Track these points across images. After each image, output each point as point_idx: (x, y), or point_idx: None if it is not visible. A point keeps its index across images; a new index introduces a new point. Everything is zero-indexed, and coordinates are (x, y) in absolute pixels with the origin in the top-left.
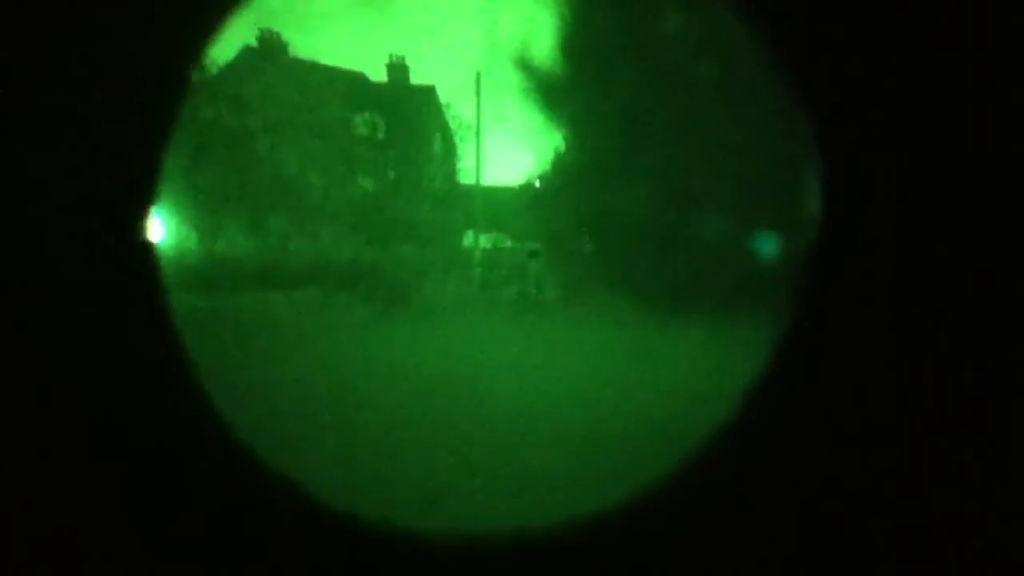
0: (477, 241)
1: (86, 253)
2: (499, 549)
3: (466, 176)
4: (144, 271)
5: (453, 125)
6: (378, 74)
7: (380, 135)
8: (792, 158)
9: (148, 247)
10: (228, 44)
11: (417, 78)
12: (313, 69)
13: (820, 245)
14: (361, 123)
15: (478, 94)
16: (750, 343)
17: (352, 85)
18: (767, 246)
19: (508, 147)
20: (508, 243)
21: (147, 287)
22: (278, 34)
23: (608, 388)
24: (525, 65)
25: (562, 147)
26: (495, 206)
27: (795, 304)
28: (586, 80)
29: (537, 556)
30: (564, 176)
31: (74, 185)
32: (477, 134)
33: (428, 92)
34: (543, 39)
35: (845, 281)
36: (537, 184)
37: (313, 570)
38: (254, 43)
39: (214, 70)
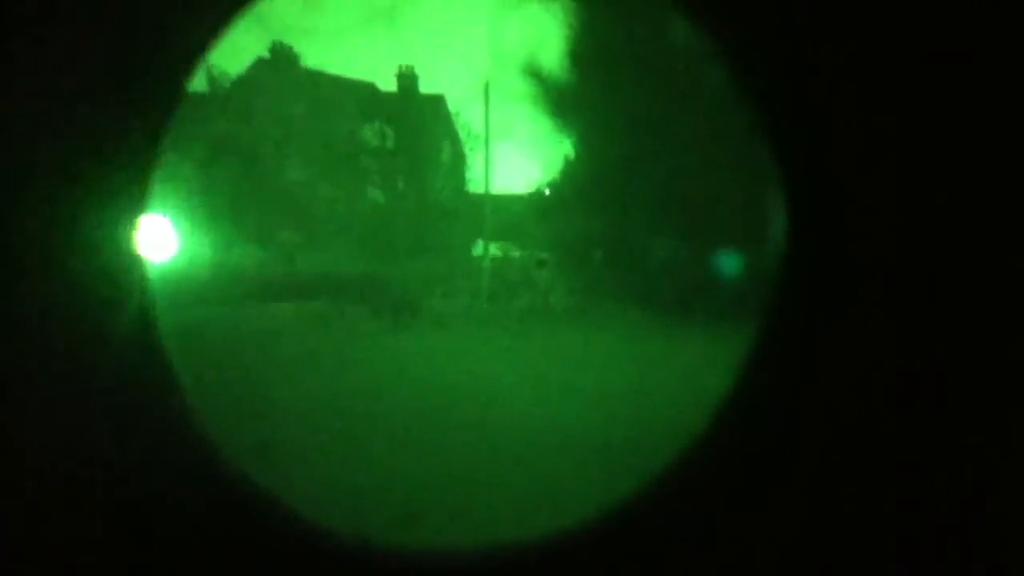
0: (486, 251)
1: (71, 263)
2: (480, 564)
3: (475, 185)
4: (131, 282)
5: (462, 134)
6: (388, 84)
7: (389, 145)
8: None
9: (135, 259)
10: (241, 57)
11: (426, 87)
12: (323, 80)
13: (793, 251)
14: (370, 133)
15: (487, 103)
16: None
17: (362, 95)
18: (775, 253)
19: (517, 156)
20: (517, 252)
21: (133, 298)
22: (290, 47)
23: (615, 400)
24: (534, 74)
25: (571, 155)
26: (504, 215)
27: (769, 307)
28: (595, 88)
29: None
30: (573, 184)
31: (61, 194)
32: (486, 143)
33: (437, 101)
34: (552, 48)
35: (825, 285)
36: (546, 193)
37: None
38: (266, 55)
39: (227, 83)
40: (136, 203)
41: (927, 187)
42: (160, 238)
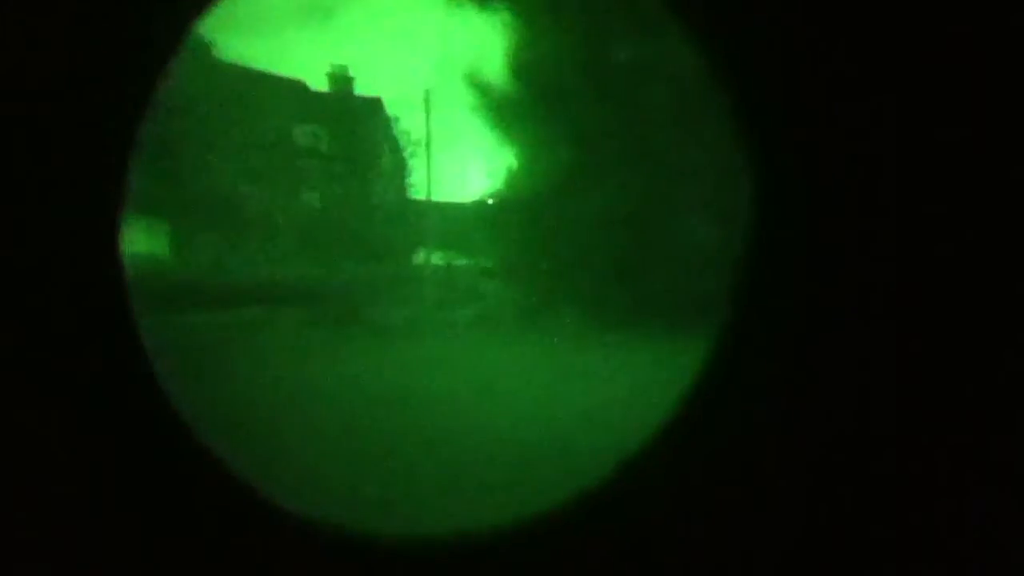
0: (429, 259)
1: (56, 261)
2: (445, 549)
3: (416, 192)
4: (113, 281)
5: (401, 140)
6: (319, 83)
7: (323, 147)
8: (738, 173)
9: (118, 257)
10: None
11: (362, 90)
12: (247, 75)
13: (752, 257)
14: (302, 134)
15: (427, 110)
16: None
17: (290, 93)
18: (717, 262)
19: (459, 164)
20: (461, 261)
21: (116, 296)
22: (201, 35)
23: (556, 407)
24: (475, 83)
25: (515, 165)
26: (447, 223)
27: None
28: (537, 99)
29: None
30: (517, 194)
31: (44, 194)
32: (427, 149)
33: (374, 105)
34: (494, 58)
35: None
36: (490, 202)
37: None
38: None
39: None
40: (113, 202)
41: (926, 189)
42: None
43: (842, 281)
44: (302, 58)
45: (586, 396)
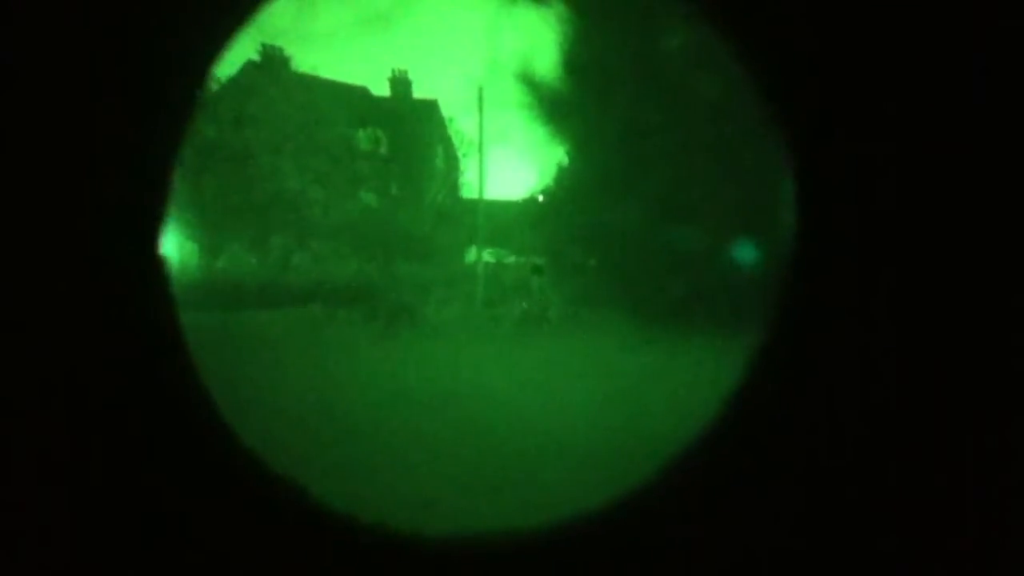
0: (480, 256)
1: (98, 266)
2: (494, 549)
3: (469, 191)
4: (156, 285)
5: (456, 140)
6: (381, 89)
7: (383, 150)
8: (785, 172)
9: (160, 261)
10: (230, 60)
11: (420, 93)
12: (315, 84)
13: (800, 255)
14: (364, 138)
15: (480, 109)
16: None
17: (355, 100)
18: (765, 261)
19: (511, 162)
20: (511, 259)
21: (158, 301)
22: (280, 49)
23: (608, 409)
24: (528, 80)
25: (565, 162)
26: (498, 221)
27: (774, 312)
28: (588, 96)
29: (532, 555)
30: (567, 191)
31: (86, 198)
32: (480, 149)
33: (431, 107)
34: (546, 55)
35: (823, 289)
36: (540, 199)
37: (314, 571)
38: (256, 59)
39: (216, 87)
40: (160, 207)
41: (940, 188)
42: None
43: (891, 287)
44: (366, 65)
45: (630, 396)
